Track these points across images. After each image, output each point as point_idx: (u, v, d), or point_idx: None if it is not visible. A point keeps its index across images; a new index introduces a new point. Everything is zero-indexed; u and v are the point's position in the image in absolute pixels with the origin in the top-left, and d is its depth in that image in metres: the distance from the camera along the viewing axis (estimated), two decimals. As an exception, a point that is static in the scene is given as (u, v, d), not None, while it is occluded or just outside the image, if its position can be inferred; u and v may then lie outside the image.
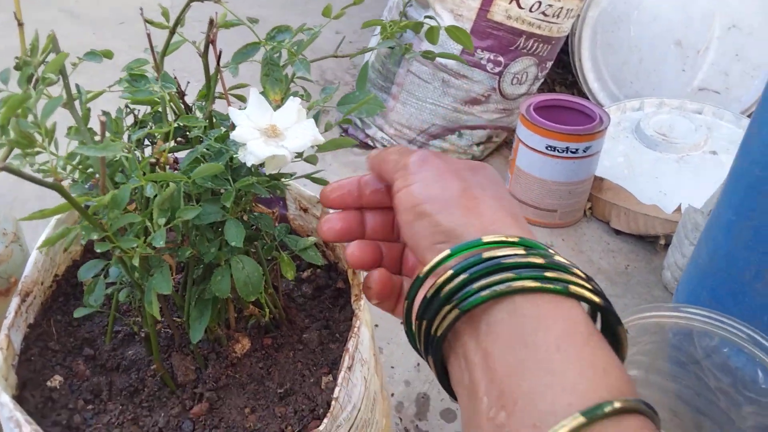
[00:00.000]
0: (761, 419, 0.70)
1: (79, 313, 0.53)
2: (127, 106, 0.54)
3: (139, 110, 0.56)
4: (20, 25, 0.45)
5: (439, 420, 0.87)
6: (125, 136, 0.52)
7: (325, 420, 0.47)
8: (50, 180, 0.41)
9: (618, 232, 1.21)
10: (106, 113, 0.49)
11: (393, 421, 0.88)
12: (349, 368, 0.51)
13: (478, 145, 1.38)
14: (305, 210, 0.69)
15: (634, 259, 1.16)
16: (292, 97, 0.48)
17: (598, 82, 1.55)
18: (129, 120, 0.54)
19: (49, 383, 0.55)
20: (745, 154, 0.73)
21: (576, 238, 1.21)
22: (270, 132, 0.46)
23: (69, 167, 0.45)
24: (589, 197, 1.24)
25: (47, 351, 0.58)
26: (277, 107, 0.48)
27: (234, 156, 0.48)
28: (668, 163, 1.32)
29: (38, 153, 0.43)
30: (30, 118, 0.43)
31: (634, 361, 0.73)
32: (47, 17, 1.85)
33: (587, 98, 1.54)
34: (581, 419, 0.26)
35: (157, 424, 0.53)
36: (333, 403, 0.49)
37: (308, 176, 0.54)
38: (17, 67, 0.45)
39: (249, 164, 0.45)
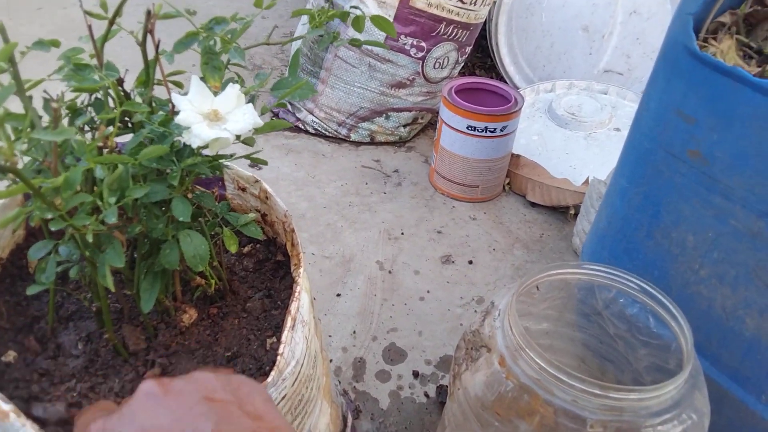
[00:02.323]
0: (653, 359, 0.81)
1: (31, 290, 0.56)
2: (62, 93, 0.57)
3: (79, 97, 0.59)
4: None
5: (375, 381, 0.94)
6: (65, 121, 0.55)
7: (272, 373, 0.53)
8: (4, 163, 0.44)
9: (533, 205, 1.32)
10: (51, 100, 0.52)
11: (333, 382, 0.94)
12: (292, 328, 0.57)
13: (404, 126, 1.45)
14: (243, 189, 0.74)
15: (548, 228, 1.27)
16: (231, 83, 0.52)
17: (514, 65, 1.65)
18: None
19: (3, 358, 0.58)
20: (636, 128, 0.83)
21: (496, 210, 1.31)
22: (212, 116, 0.51)
23: (18, 152, 0.48)
24: (507, 173, 1.33)
25: (-2, 330, 0.61)
26: (216, 93, 0.53)
27: (177, 139, 0.53)
28: (577, 141, 1.43)
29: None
30: (-17, 106, 0.46)
31: (544, 315, 0.82)
32: (-44, 1, 1.78)
33: (505, 81, 1.63)
34: None
35: (112, 390, 0.57)
36: (278, 358, 0.54)
37: (247, 156, 0.59)
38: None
39: (194, 146, 0.49)
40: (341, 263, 1.14)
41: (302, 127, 1.46)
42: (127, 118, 0.59)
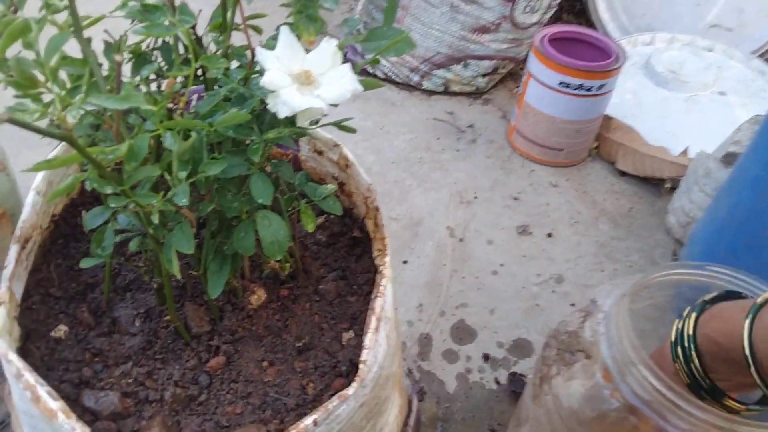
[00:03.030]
0: None
1: (86, 263, 0.49)
2: (125, 35, 0.49)
3: (145, 40, 0.50)
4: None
5: (441, 361, 0.87)
6: (127, 68, 0.46)
7: (354, 384, 0.45)
8: (58, 130, 0.36)
9: (623, 174, 1.19)
10: (114, 47, 0.43)
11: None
12: (377, 330, 0.49)
13: (483, 76, 1.32)
14: (320, 153, 0.65)
15: (638, 201, 1.15)
16: (327, 38, 0.43)
17: (609, 12, 1.48)
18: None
19: (53, 333, 0.52)
20: (778, 107, 0.70)
21: (580, 178, 1.19)
22: (303, 78, 0.42)
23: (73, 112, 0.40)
24: (596, 136, 1.21)
25: (49, 298, 0.55)
26: (308, 50, 0.43)
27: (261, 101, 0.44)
28: (677, 103, 1.29)
29: (41, 94, 0.38)
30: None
31: (646, 315, 0.73)
32: None
33: (595, 29, 1.47)
34: None
35: (172, 378, 0.51)
36: (361, 366, 0.47)
37: (335, 124, 0.50)
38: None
39: (281, 115, 0.40)
40: (409, 226, 1.06)
41: (370, 71, 1.35)
42: (199, 72, 0.50)
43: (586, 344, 0.62)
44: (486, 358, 0.88)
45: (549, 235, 1.07)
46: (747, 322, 0.44)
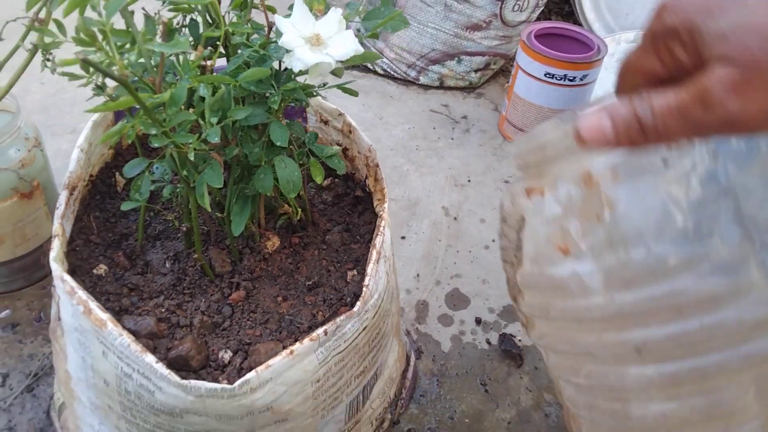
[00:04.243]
0: None
1: (126, 206, 0.57)
2: (159, 12, 0.57)
3: (176, 17, 0.58)
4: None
5: (437, 324, 0.95)
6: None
7: (358, 303, 0.53)
8: (117, 74, 0.44)
9: (607, 160, 1.27)
10: (156, 17, 0.52)
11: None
12: (377, 261, 0.57)
13: (476, 71, 1.40)
14: (326, 122, 0.73)
15: (621, 185, 1.22)
16: (333, 8, 0.51)
17: (595, 12, 1.57)
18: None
19: (95, 271, 0.60)
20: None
21: (567, 164, 1.27)
22: (314, 40, 0.50)
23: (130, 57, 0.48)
24: (582, 125, 1.28)
25: (90, 243, 0.63)
26: (317, 18, 0.51)
27: (275, 62, 0.52)
28: (658, 95, 1.37)
29: (97, 51, 0.46)
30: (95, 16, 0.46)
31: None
32: None
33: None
34: None
35: (199, 308, 0.58)
36: (364, 289, 0.54)
37: (339, 86, 0.58)
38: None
39: (296, 70, 0.48)
40: (406, 206, 1.14)
41: (371, 67, 1.43)
42: (218, 43, 0.58)
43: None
44: (478, 321, 0.95)
45: (537, 214, 1.15)
46: None
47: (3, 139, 0.78)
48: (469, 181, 1.21)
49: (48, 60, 0.69)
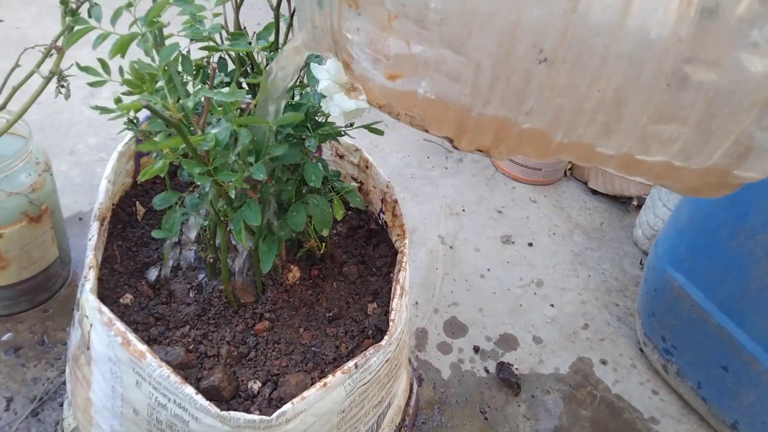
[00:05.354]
0: None
1: (157, 234, 0.58)
2: (188, 50, 0.59)
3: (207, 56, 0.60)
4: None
5: (436, 352, 0.97)
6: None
7: (386, 336, 0.55)
8: (171, 118, 0.46)
9: (594, 192, 1.32)
10: (206, 61, 0.54)
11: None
12: (401, 296, 0.59)
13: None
14: (341, 156, 0.76)
15: (609, 217, 1.27)
16: (370, 56, 0.54)
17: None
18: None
19: (121, 300, 0.61)
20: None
21: (557, 195, 1.31)
22: (350, 87, 0.52)
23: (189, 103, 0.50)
24: (571, 158, 1.33)
25: (114, 273, 0.64)
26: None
27: (312, 106, 0.54)
28: (642, 131, 1.43)
29: (145, 93, 0.48)
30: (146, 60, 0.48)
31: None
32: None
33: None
34: None
35: (224, 338, 0.60)
36: (390, 323, 0.57)
37: (366, 126, 0.61)
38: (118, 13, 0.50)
39: (334, 114, 0.51)
40: (404, 234, 1.16)
41: (366, 96, 1.47)
42: (247, 85, 0.60)
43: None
44: (476, 349, 0.98)
45: (530, 244, 1.18)
46: None
47: (15, 163, 0.78)
48: (463, 210, 1.24)
49: (62, 87, 0.71)
